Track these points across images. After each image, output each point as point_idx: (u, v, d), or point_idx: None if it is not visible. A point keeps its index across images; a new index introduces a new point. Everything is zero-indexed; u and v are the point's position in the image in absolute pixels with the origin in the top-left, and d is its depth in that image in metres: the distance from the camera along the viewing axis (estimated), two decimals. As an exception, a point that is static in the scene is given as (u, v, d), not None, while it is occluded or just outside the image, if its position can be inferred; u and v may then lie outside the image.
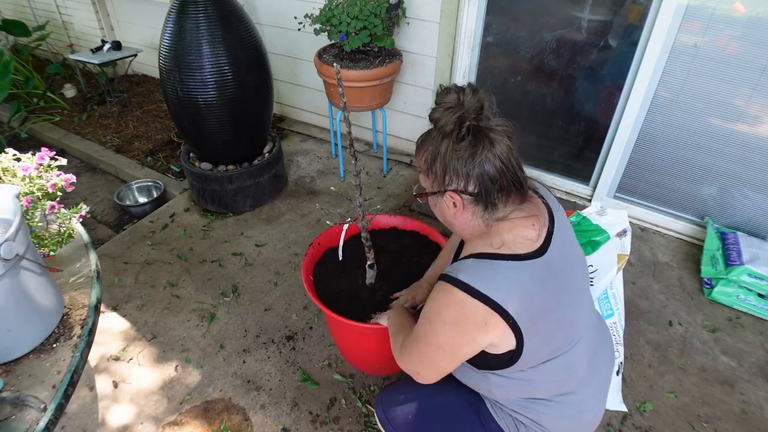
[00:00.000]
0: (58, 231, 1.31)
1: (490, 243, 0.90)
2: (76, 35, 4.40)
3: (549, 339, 0.91)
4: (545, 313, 0.88)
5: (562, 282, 0.91)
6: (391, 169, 2.89)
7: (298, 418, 1.61)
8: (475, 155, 0.85)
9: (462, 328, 0.87)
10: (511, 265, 0.86)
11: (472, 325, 0.86)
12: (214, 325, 1.94)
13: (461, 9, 2.37)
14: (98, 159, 3.17)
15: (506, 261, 0.87)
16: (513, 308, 0.83)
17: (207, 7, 2.12)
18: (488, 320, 0.84)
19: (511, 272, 0.86)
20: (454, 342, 0.90)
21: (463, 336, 0.88)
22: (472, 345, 0.89)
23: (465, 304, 0.85)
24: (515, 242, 0.88)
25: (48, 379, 1.02)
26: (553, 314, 0.90)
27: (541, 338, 0.89)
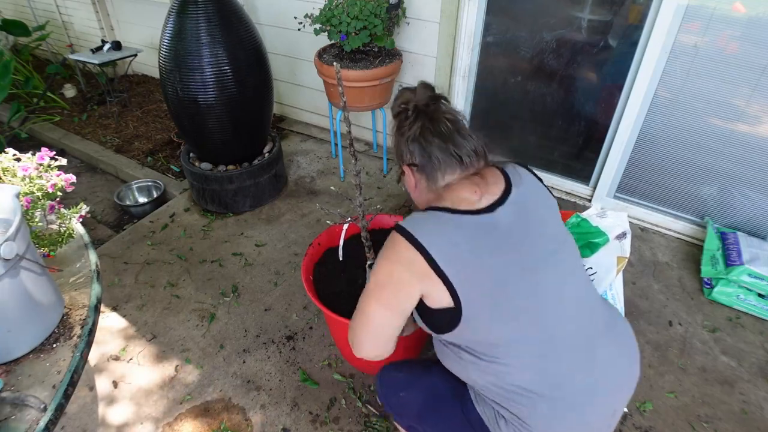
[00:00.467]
0: (58, 231, 1.31)
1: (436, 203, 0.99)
2: (76, 35, 4.40)
3: (502, 310, 0.90)
4: (485, 274, 0.89)
5: (513, 249, 0.92)
6: (391, 169, 2.90)
7: (298, 418, 1.61)
8: (415, 130, 0.99)
9: (392, 264, 0.92)
10: (443, 215, 0.93)
11: (400, 263, 0.91)
12: (214, 325, 1.94)
13: (461, 9, 2.37)
14: (98, 159, 3.17)
15: (441, 212, 0.94)
16: (437, 252, 0.87)
17: (207, 7, 2.12)
18: (413, 260, 0.88)
19: (440, 219, 0.92)
20: (387, 277, 0.93)
21: (392, 274, 0.92)
22: (402, 286, 0.91)
23: (396, 242, 0.92)
24: (455, 202, 0.95)
25: (48, 379, 1.02)
26: (503, 282, 0.89)
27: (486, 303, 0.89)
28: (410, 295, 0.92)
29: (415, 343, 1.65)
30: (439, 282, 0.88)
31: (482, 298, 0.89)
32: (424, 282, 0.89)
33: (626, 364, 1.01)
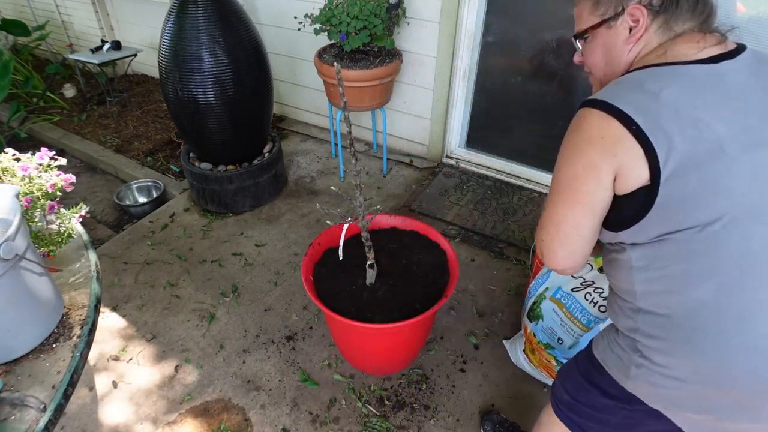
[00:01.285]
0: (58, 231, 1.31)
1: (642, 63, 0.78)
2: (76, 35, 4.40)
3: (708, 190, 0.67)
4: (695, 128, 0.66)
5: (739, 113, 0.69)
6: (391, 169, 2.89)
7: (298, 418, 1.61)
8: None
9: (578, 150, 0.74)
10: (644, 70, 0.73)
11: (586, 140, 0.72)
12: (214, 325, 1.94)
13: (461, 9, 2.37)
14: (98, 159, 3.17)
15: (651, 67, 0.73)
16: (633, 107, 0.67)
17: (207, 7, 2.12)
18: (604, 130, 0.69)
19: (638, 76, 0.72)
20: (572, 171, 0.75)
21: (578, 157, 0.73)
22: (591, 173, 0.72)
23: (584, 119, 0.73)
24: (673, 55, 0.75)
25: (48, 379, 1.02)
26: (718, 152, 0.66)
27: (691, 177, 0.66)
28: (601, 182, 0.72)
29: (415, 343, 1.65)
30: (640, 155, 0.67)
31: (687, 171, 0.67)
32: (617, 153, 0.69)
33: None
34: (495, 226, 2.42)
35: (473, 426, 1.58)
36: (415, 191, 2.70)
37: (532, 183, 2.69)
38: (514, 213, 2.51)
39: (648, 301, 0.76)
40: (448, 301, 1.88)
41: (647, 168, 0.68)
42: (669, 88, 0.69)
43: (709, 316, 0.69)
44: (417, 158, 2.97)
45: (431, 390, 1.69)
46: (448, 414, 1.62)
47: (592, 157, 0.72)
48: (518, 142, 2.71)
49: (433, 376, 1.74)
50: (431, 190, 2.69)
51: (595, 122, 0.71)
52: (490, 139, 2.80)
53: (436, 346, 1.84)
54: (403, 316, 1.39)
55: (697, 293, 0.70)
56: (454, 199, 2.62)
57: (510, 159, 2.75)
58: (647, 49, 0.79)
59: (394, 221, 1.73)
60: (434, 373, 1.75)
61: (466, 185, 2.72)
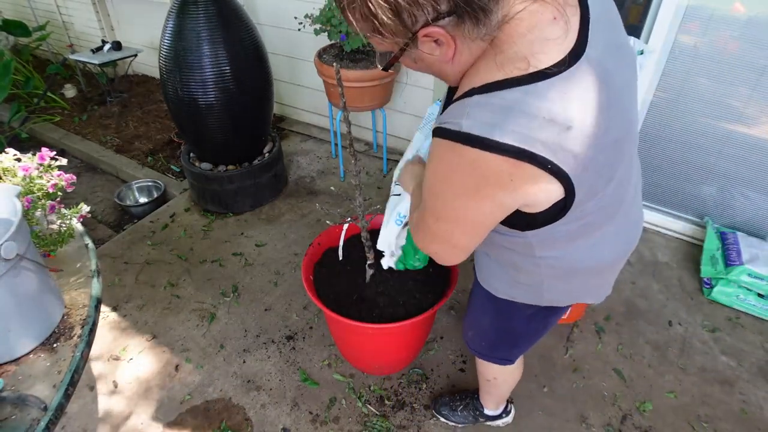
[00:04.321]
0: (59, 231, 1.31)
1: (496, 63, 0.63)
2: (77, 35, 4.40)
3: (604, 166, 0.70)
4: (597, 136, 0.64)
5: (613, 90, 0.66)
6: (391, 169, 2.90)
7: (298, 417, 1.61)
8: None
9: (481, 193, 0.66)
10: (536, 90, 0.61)
11: (493, 187, 0.65)
12: (214, 325, 1.94)
13: (461, 9, 2.37)
14: (98, 159, 3.17)
15: (527, 85, 0.61)
16: (546, 148, 0.61)
17: (207, 7, 2.12)
18: (514, 174, 0.62)
19: (536, 101, 0.61)
20: (474, 213, 0.70)
21: (484, 203, 0.68)
22: (498, 211, 0.69)
23: (479, 164, 0.63)
24: (534, 51, 0.62)
25: (48, 379, 1.02)
26: (608, 133, 0.66)
27: (595, 169, 0.68)
28: (504, 214, 0.70)
29: (415, 343, 1.65)
30: (554, 182, 0.64)
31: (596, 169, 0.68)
32: (530, 190, 0.65)
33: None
34: (495, 226, 2.42)
35: (473, 426, 1.59)
36: (415, 191, 2.70)
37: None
38: (514, 213, 2.51)
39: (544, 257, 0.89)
40: (448, 301, 1.88)
41: (562, 190, 0.66)
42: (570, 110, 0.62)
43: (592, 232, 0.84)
44: (417, 158, 2.97)
45: (431, 390, 1.70)
46: (448, 414, 1.62)
47: (500, 199, 0.66)
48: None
49: (433, 376, 1.74)
50: (431, 190, 2.69)
51: (502, 167, 0.62)
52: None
53: (436, 346, 1.84)
54: (402, 316, 1.39)
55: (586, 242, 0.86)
56: (454, 199, 2.62)
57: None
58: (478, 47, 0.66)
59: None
60: (434, 373, 1.75)
61: (466, 185, 2.72)
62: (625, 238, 0.95)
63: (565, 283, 0.96)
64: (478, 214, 0.71)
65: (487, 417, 1.54)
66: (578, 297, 1.03)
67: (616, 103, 0.68)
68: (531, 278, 0.96)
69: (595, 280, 0.99)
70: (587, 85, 0.63)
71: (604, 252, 0.91)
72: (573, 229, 0.79)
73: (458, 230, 0.76)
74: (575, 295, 1.02)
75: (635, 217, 0.95)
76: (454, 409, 1.58)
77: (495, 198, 0.67)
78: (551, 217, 0.73)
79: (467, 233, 0.76)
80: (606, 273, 0.99)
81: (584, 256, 0.89)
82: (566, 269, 0.92)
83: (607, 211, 0.82)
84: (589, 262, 0.91)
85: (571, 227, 0.78)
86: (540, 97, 0.61)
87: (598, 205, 0.76)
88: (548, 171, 0.62)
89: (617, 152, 0.73)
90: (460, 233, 0.76)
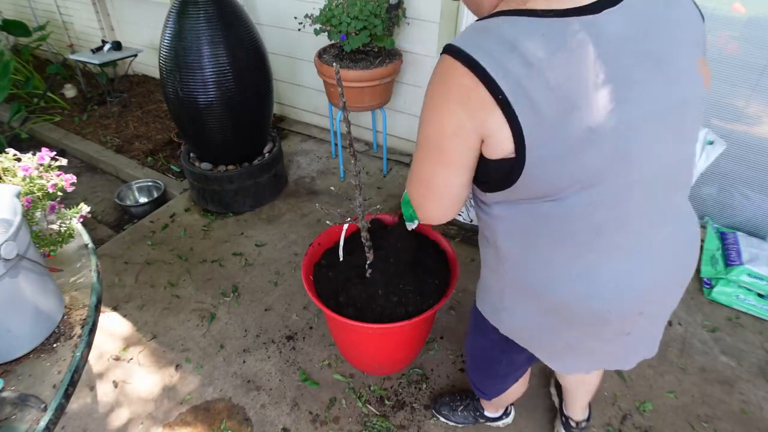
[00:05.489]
0: (59, 231, 1.31)
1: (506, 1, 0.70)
2: (77, 35, 4.40)
3: (577, 147, 0.65)
4: (567, 103, 0.62)
5: (618, 72, 0.64)
6: (391, 169, 2.90)
7: (298, 418, 1.61)
8: None
9: (445, 105, 0.68)
10: (516, 20, 0.64)
11: (454, 100, 0.66)
12: (214, 325, 1.94)
13: (461, 9, 2.37)
14: (98, 159, 3.17)
15: (518, 16, 0.64)
16: (502, 76, 0.61)
17: (207, 7, 2.12)
18: (471, 92, 0.64)
19: (509, 28, 0.63)
20: (439, 129, 0.70)
21: (447, 116, 0.68)
22: (460, 135, 0.68)
23: (449, 73, 0.66)
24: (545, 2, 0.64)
25: (48, 379, 1.02)
26: (590, 115, 0.63)
27: (560, 143, 0.64)
28: (469, 144, 0.69)
29: (415, 343, 1.65)
30: (505, 127, 0.64)
31: (560, 142, 0.65)
32: (484, 119, 0.65)
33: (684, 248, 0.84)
34: (495, 226, 2.42)
35: (473, 426, 1.59)
36: (415, 191, 2.70)
37: (532, 183, 2.68)
38: (514, 213, 2.51)
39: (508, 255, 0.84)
40: (448, 301, 1.88)
41: (512, 140, 0.65)
42: (540, 50, 0.61)
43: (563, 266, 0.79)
44: (417, 158, 2.97)
45: (431, 390, 1.70)
46: (448, 414, 1.62)
47: (460, 118, 0.67)
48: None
49: (433, 376, 1.74)
50: (431, 190, 2.69)
51: (463, 81, 0.64)
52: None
53: (436, 346, 1.84)
54: (402, 316, 1.39)
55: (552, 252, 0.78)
56: (454, 199, 2.62)
57: None
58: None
59: (394, 221, 1.73)
60: (434, 373, 1.75)
61: (466, 185, 2.72)
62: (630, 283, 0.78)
63: (524, 305, 0.87)
64: (443, 135, 0.70)
65: (487, 418, 1.54)
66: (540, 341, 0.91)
67: (620, 92, 0.64)
68: (496, 283, 0.91)
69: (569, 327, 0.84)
70: (573, 45, 0.62)
71: (586, 284, 0.77)
72: (533, 223, 0.75)
73: (428, 157, 0.75)
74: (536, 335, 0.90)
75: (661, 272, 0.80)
76: (454, 409, 1.58)
77: (455, 115, 0.67)
78: (503, 178, 0.71)
79: (435, 160, 0.74)
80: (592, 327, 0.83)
81: (550, 275, 0.79)
82: (526, 282, 0.83)
83: (594, 228, 0.73)
84: (558, 286, 0.79)
85: (532, 218, 0.75)
86: (514, 26, 0.63)
87: (569, 208, 0.71)
88: (500, 104, 0.63)
89: (612, 150, 0.66)
90: (430, 160, 0.75)
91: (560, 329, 0.87)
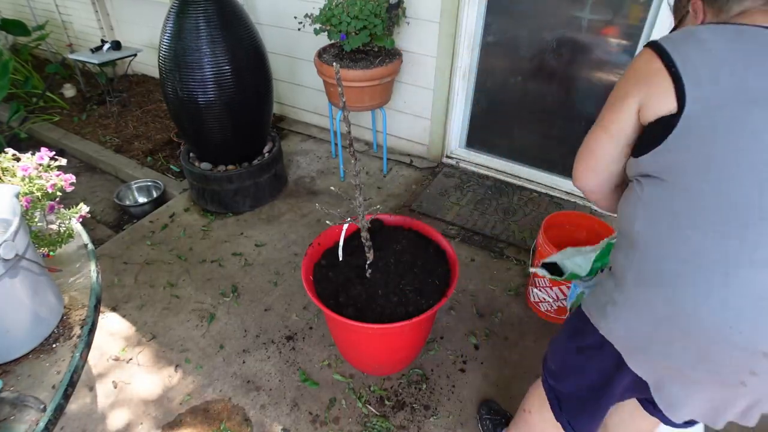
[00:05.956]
0: (58, 231, 1.31)
1: None
2: (76, 35, 4.40)
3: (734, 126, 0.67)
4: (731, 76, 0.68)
5: None
6: (391, 169, 2.89)
7: (298, 418, 1.61)
8: None
9: (623, 82, 0.80)
10: (711, 26, 0.74)
11: (631, 77, 0.78)
12: (213, 326, 1.94)
13: (461, 9, 2.37)
14: (98, 159, 3.17)
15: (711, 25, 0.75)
16: (680, 54, 0.71)
17: (207, 7, 2.12)
18: (648, 65, 0.75)
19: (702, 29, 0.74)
20: (611, 101, 0.83)
21: (620, 90, 0.80)
22: (621, 98, 0.79)
23: (638, 57, 0.78)
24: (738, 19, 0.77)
25: (47, 380, 1.02)
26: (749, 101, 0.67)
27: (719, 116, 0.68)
28: (627, 107, 0.78)
29: (415, 343, 1.65)
30: (667, 78, 0.71)
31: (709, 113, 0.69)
32: (651, 84, 0.74)
33: None
34: (495, 226, 2.42)
35: (473, 426, 1.58)
36: (415, 191, 2.70)
37: (532, 183, 2.69)
38: (514, 213, 2.51)
39: (640, 231, 0.79)
40: (448, 301, 1.88)
41: (675, 100, 0.71)
42: (718, 40, 0.71)
43: (699, 264, 0.71)
44: (417, 158, 2.97)
45: (431, 390, 1.69)
46: (448, 414, 1.62)
47: (627, 88, 0.78)
48: (518, 142, 2.71)
49: (433, 376, 1.74)
50: (431, 190, 2.69)
51: (644, 58, 0.76)
52: (490, 139, 2.80)
53: (436, 346, 1.84)
54: (402, 316, 1.39)
55: (694, 238, 0.71)
56: (454, 199, 2.62)
57: (510, 159, 2.76)
58: None
59: (395, 221, 1.73)
60: (434, 373, 1.75)
61: (466, 185, 2.72)
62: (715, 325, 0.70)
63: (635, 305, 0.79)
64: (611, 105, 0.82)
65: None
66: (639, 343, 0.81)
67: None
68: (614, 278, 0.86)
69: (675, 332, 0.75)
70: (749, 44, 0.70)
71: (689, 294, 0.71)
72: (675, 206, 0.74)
73: (595, 124, 0.86)
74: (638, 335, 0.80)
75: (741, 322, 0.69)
76: (483, 418, 1.57)
77: (626, 86, 0.79)
78: (656, 137, 0.74)
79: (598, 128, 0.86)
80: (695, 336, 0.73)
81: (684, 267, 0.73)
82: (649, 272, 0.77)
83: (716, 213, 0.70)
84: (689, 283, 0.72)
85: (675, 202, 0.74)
86: (708, 29, 0.73)
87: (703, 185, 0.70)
88: (670, 73, 0.71)
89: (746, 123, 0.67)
90: (594, 127, 0.86)
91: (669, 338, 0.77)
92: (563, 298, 1.80)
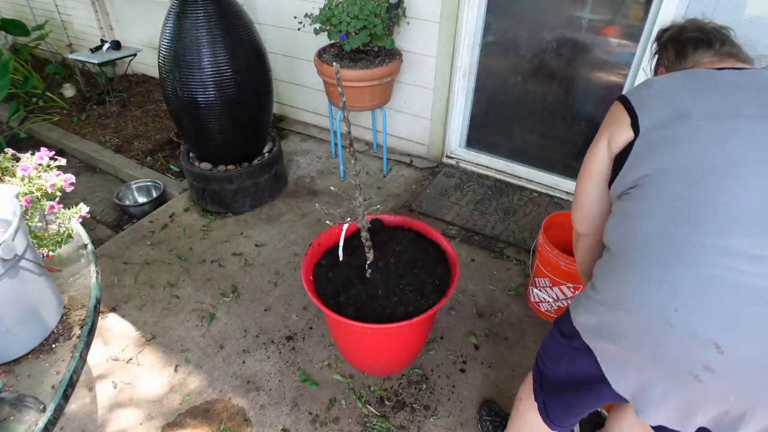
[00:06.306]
0: (58, 231, 1.31)
1: None
2: (76, 35, 4.39)
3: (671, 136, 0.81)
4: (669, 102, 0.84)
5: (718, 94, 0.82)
6: (391, 169, 2.89)
7: (297, 418, 1.61)
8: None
9: (598, 132, 0.95)
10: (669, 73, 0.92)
11: (604, 124, 0.94)
12: (213, 326, 1.94)
13: (461, 9, 2.37)
14: (97, 159, 3.17)
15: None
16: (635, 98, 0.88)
17: (207, 7, 2.12)
18: (613, 114, 0.92)
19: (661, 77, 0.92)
20: (588, 152, 0.97)
21: (595, 139, 0.95)
22: (598, 144, 0.94)
23: (609, 109, 0.95)
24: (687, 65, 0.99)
25: (47, 380, 1.01)
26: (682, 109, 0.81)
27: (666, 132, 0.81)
28: (601, 146, 0.93)
29: (415, 343, 1.65)
30: (626, 116, 0.88)
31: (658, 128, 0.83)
32: (614, 123, 0.90)
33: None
34: (495, 226, 2.42)
35: (473, 426, 1.58)
36: (415, 191, 2.70)
37: (532, 183, 2.69)
38: (514, 213, 2.51)
39: (608, 238, 0.90)
40: (448, 301, 1.88)
41: (631, 129, 0.86)
42: (665, 80, 0.89)
43: (648, 250, 0.80)
44: (417, 158, 2.97)
45: (431, 390, 1.69)
46: (448, 414, 1.62)
47: (600, 132, 0.94)
48: (518, 142, 2.71)
49: (433, 376, 1.74)
50: (431, 190, 2.69)
51: (613, 108, 0.93)
52: (490, 139, 2.80)
53: (436, 346, 1.84)
54: (402, 316, 1.39)
55: (643, 230, 0.81)
56: (454, 199, 2.62)
57: (510, 159, 2.75)
58: None
59: (395, 221, 1.73)
60: (434, 373, 1.75)
61: (466, 185, 2.72)
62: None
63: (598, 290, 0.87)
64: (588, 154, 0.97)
65: None
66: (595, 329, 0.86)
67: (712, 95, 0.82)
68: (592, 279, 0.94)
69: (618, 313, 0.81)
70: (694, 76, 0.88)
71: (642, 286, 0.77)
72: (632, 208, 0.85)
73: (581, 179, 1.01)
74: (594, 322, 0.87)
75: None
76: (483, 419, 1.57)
77: (599, 134, 0.94)
78: (622, 162, 0.88)
79: (580, 177, 1.00)
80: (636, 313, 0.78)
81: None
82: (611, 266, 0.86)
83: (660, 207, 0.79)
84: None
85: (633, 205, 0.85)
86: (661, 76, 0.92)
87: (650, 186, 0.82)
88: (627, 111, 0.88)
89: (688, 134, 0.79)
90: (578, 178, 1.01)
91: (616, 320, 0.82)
92: (563, 298, 1.80)
